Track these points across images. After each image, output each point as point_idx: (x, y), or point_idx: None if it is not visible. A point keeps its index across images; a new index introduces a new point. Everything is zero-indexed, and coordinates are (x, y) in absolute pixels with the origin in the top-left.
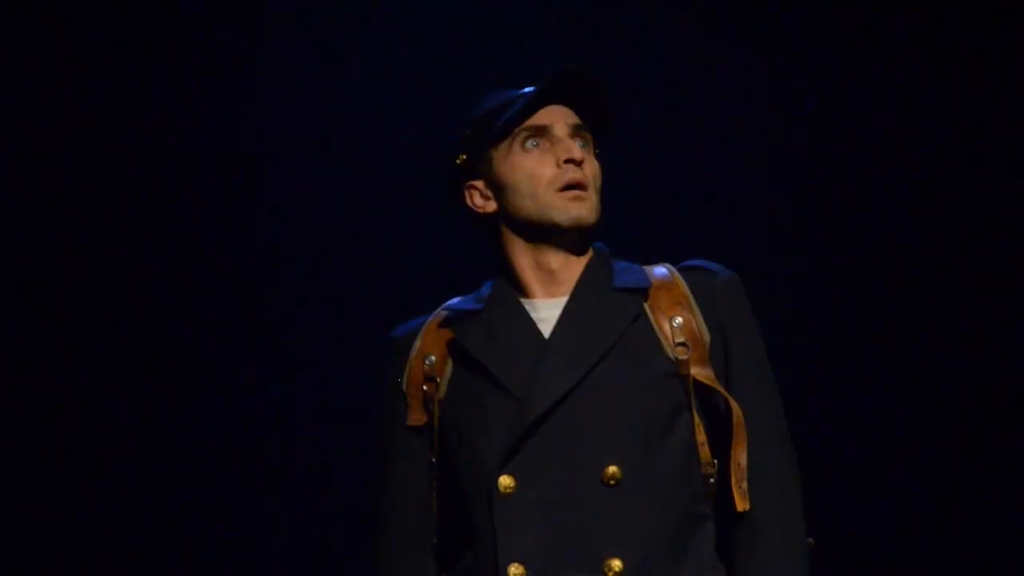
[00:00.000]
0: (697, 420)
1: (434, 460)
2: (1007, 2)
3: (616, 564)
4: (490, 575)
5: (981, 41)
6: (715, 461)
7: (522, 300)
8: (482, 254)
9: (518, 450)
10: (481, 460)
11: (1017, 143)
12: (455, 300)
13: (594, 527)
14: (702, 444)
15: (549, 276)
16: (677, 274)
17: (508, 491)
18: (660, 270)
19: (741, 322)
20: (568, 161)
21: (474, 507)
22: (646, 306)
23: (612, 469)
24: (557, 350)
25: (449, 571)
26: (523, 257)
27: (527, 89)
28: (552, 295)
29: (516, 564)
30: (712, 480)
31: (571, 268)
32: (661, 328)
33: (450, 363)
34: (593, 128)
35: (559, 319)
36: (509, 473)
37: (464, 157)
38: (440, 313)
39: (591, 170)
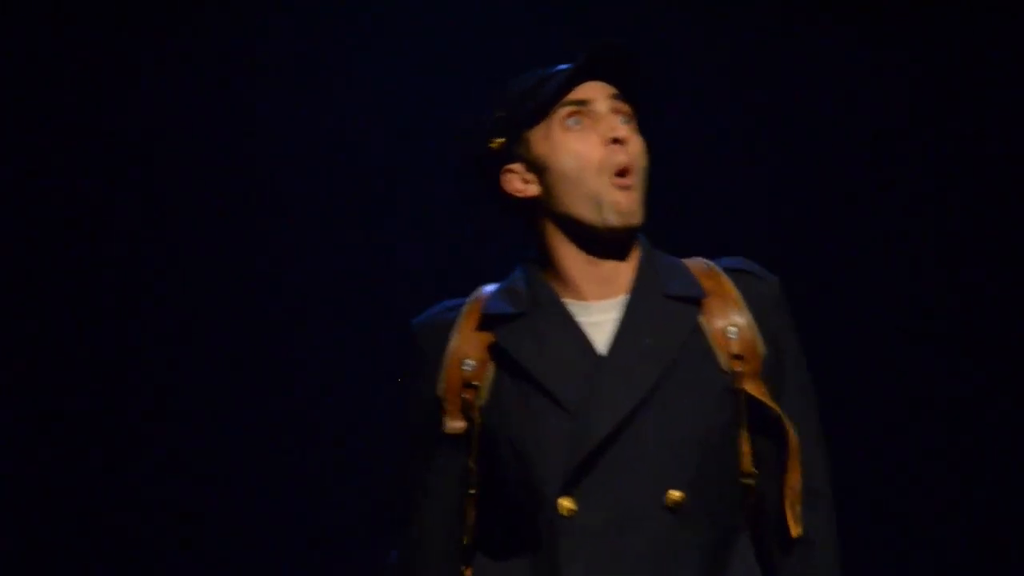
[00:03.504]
0: (745, 433)
1: (472, 466)
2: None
3: None
4: None
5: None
6: (755, 471)
7: (569, 301)
8: (491, 248)
9: (579, 472)
10: (538, 479)
11: None
12: (487, 291)
13: (655, 552)
14: (745, 455)
15: (598, 275)
16: (725, 276)
17: (569, 514)
18: (702, 267)
19: (791, 336)
20: (614, 141)
21: (529, 526)
22: (700, 317)
23: (676, 494)
24: (615, 367)
25: None
26: (569, 251)
27: (561, 66)
28: (602, 296)
29: None
30: (750, 491)
31: (620, 267)
32: (715, 338)
33: (491, 368)
34: (632, 100)
35: (615, 334)
36: (570, 495)
37: (501, 141)
38: (472, 308)
39: (636, 148)
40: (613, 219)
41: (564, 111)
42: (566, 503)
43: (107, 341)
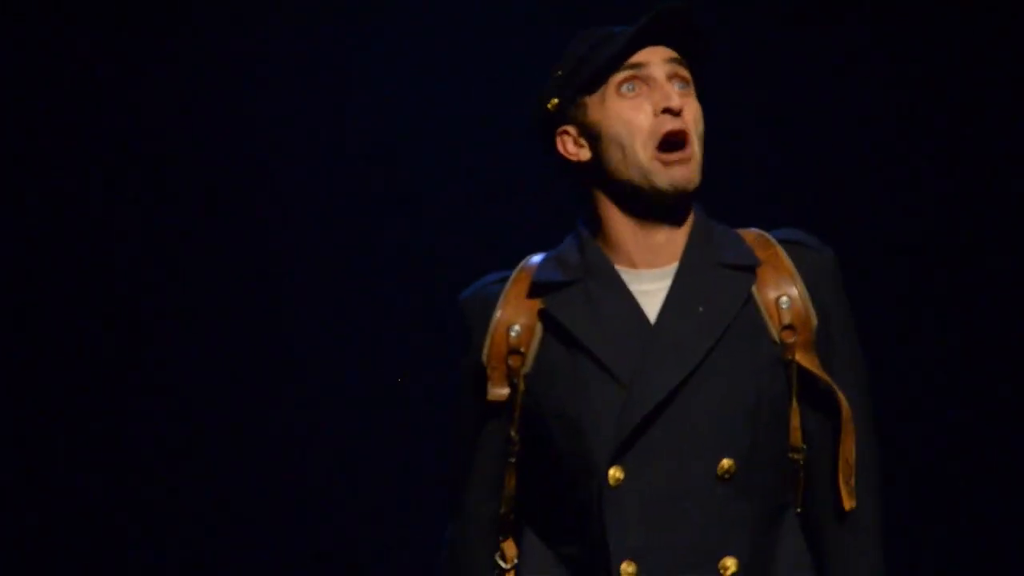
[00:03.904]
0: (795, 406)
1: (513, 435)
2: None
3: (731, 563)
4: (600, 569)
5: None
6: (804, 447)
7: (620, 269)
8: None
9: (629, 442)
10: (586, 448)
11: None
12: (537, 259)
13: (707, 523)
14: (795, 429)
15: (650, 243)
16: (779, 247)
17: (617, 483)
18: (755, 236)
19: (843, 310)
20: (666, 111)
21: (575, 495)
22: (753, 287)
23: (727, 463)
24: (667, 336)
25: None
26: (621, 219)
27: (619, 28)
28: (654, 264)
29: (629, 561)
30: (799, 465)
31: (674, 233)
32: (768, 309)
33: (537, 334)
34: (691, 60)
35: (667, 300)
36: (619, 465)
37: (556, 101)
38: (521, 276)
39: (692, 114)
40: (663, 185)
41: (620, 76)
42: (615, 473)
43: (109, 339)
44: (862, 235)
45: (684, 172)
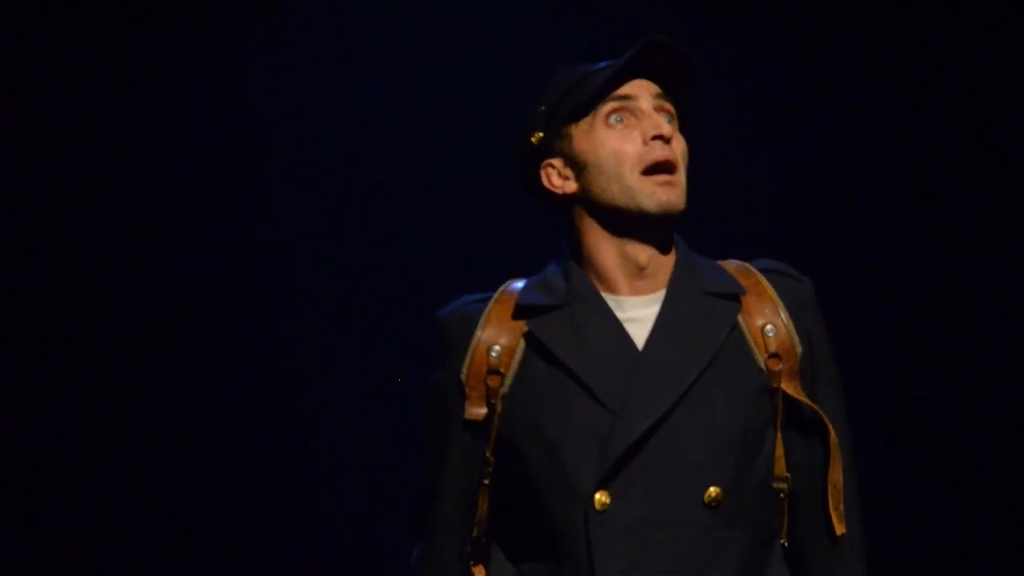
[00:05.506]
0: (779, 434)
1: (489, 455)
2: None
3: None
4: None
5: None
6: (788, 475)
7: (606, 295)
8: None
9: (616, 467)
10: (570, 473)
11: None
12: (518, 284)
13: (693, 551)
14: (779, 457)
15: (636, 270)
16: (761, 276)
17: (603, 508)
18: (737, 267)
19: (824, 338)
20: (656, 138)
21: (559, 520)
22: (739, 316)
23: (714, 491)
24: (655, 362)
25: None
26: (607, 247)
27: (603, 63)
28: (640, 292)
29: None
30: (783, 495)
31: (659, 262)
32: (754, 337)
33: (518, 356)
34: (676, 99)
35: (654, 328)
36: (605, 490)
37: (540, 135)
38: (503, 298)
39: (679, 147)
40: (650, 206)
41: (607, 107)
42: (602, 497)
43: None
44: (838, 262)
45: (670, 194)
